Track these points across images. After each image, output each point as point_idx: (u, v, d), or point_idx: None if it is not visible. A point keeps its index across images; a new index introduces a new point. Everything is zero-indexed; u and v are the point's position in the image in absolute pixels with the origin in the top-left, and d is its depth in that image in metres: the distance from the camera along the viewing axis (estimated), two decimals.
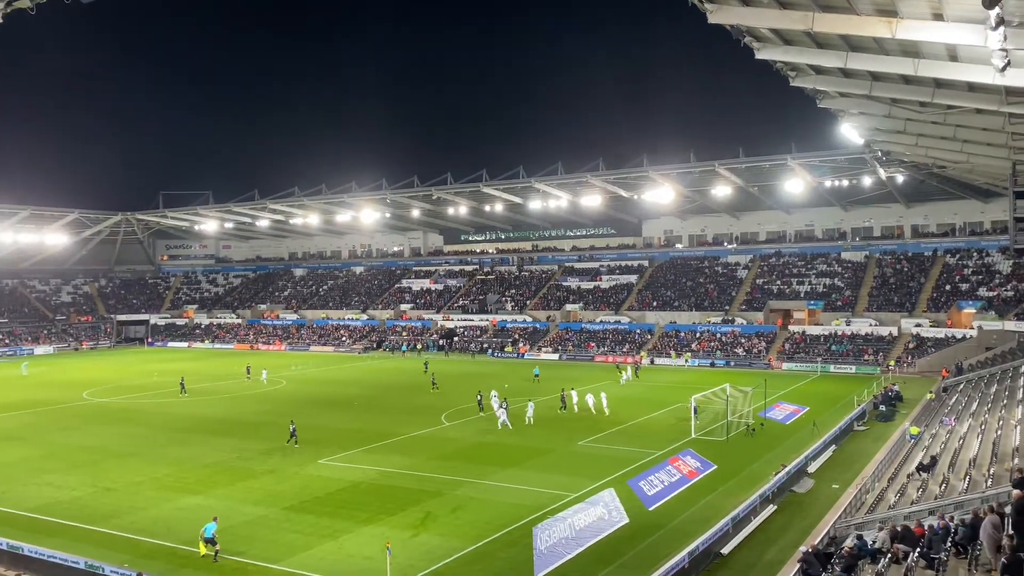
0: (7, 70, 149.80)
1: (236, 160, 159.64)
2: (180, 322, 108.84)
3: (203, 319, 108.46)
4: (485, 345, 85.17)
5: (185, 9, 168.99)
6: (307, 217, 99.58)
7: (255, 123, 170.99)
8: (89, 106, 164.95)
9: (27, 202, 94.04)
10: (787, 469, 30.37)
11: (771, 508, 27.60)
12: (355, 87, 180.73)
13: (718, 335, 75.85)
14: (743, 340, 74.00)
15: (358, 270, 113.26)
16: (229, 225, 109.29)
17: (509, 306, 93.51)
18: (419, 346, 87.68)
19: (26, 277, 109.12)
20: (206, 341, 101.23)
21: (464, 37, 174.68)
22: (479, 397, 48.02)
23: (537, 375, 60.17)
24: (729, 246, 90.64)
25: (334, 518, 27.20)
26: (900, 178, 69.06)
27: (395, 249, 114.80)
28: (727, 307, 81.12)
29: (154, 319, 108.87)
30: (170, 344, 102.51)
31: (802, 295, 79.37)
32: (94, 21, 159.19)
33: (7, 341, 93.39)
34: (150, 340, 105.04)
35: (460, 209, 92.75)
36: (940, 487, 24.73)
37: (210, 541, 23.77)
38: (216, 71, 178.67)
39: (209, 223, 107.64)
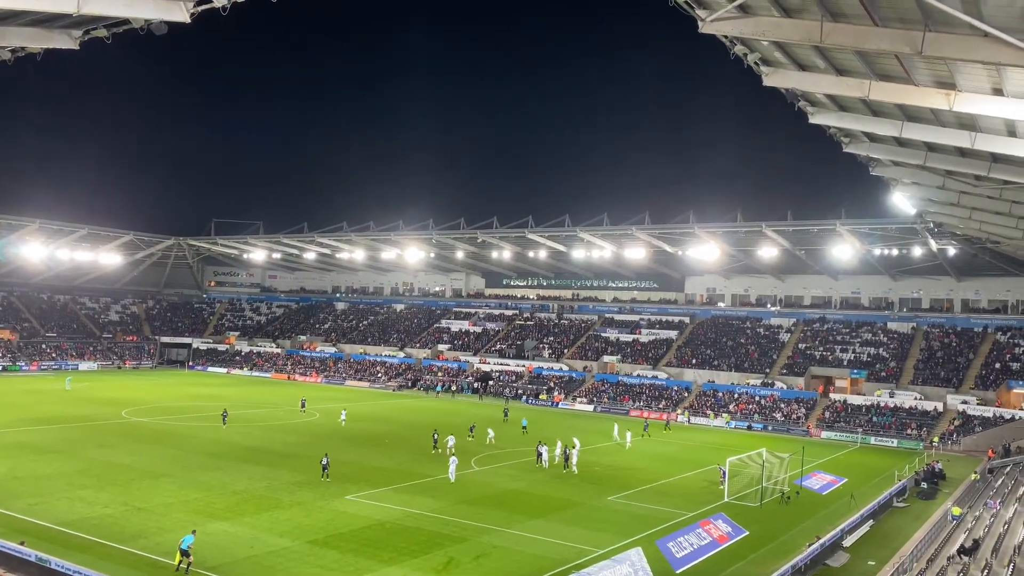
0: (74, 97, 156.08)
1: (287, 193, 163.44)
2: (221, 348, 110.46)
3: (244, 346, 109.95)
4: (520, 391, 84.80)
5: (246, 46, 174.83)
6: (353, 252, 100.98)
7: (308, 158, 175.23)
8: (148, 133, 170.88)
9: (85, 221, 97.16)
10: (821, 541, 29.49)
11: None
12: (408, 129, 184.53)
13: (757, 398, 74.54)
14: (782, 405, 72.58)
15: (399, 307, 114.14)
16: (276, 256, 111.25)
17: (546, 353, 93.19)
18: (453, 387, 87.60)
19: (78, 294, 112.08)
20: (245, 368, 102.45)
21: (516, 86, 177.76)
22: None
23: (525, 427, 58.07)
24: (772, 308, 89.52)
25: (357, 556, 27.07)
26: (952, 251, 67.77)
27: (437, 289, 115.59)
28: (767, 370, 79.83)
29: (196, 343, 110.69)
30: (210, 369, 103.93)
31: (845, 363, 77.78)
32: (157, 52, 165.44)
33: (54, 355, 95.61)
34: (191, 363, 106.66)
35: (504, 254, 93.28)
36: (982, 573, 23.77)
37: (184, 553, 24.35)
38: (273, 106, 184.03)
39: (257, 252, 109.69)
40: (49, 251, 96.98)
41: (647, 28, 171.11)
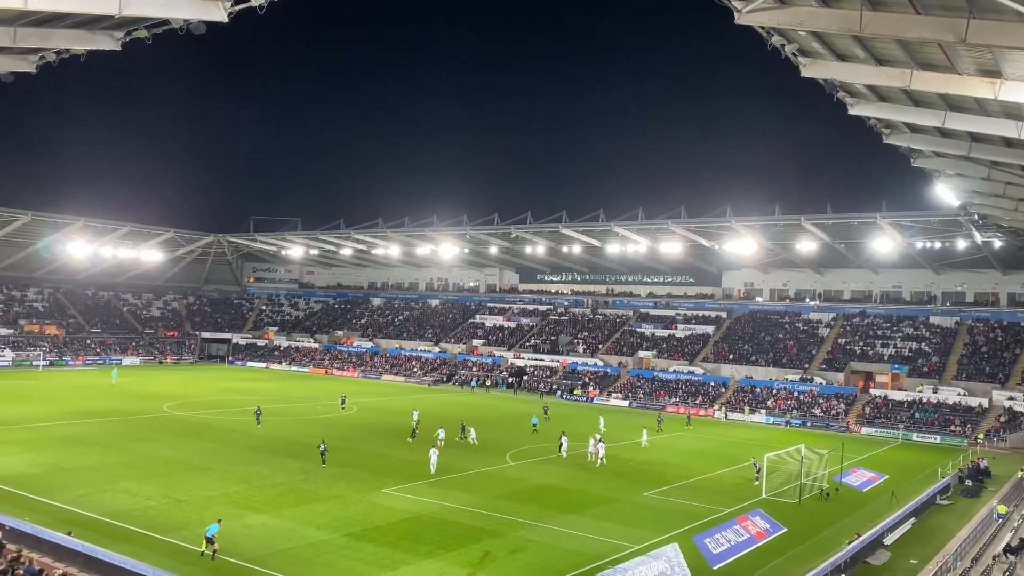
0: (116, 98, 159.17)
1: (325, 190, 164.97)
2: (260, 343, 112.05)
3: (282, 341, 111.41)
4: (554, 386, 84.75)
5: (283, 45, 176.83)
6: (389, 248, 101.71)
7: (344, 155, 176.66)
8: (188, 132, 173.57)
9: (127, 219, 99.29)
10: (862, 539, 29.04)
11: None
12: (442, 126, 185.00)
13: (795, 393, 73.58)
14: (821, 400, 71.58)
15: (434, 303, 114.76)
16: (314, 252, 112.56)
17: (581, 348, 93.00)
18: (488, 382, 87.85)
19: (121, 290, 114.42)
20: (283, 363, 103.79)
21: (550, 81, 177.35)
22: (560, 439, 47.75)
23: (535, 425, 56.98)
24: (811, 303, 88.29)
25: (394, 549, 27.30)
26: (997, 243, 66.24)
27: (471, 284, 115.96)
28: (806, 365, 78.76)
29: (236, 338, 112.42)
30: (249, 363, 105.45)
31: (886, 358, 76.45)
32: (197, 52, 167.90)
33: (98, 350, 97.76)
34: (231, 358, 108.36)
35: (538, 249, 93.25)
36: None
37: (210, 540, 25.21)
38: (307, 101, 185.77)
39: (295, 249, 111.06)
40: (93, 248, 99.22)
41: (682, 20, 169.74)
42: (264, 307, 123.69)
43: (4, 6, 20.73)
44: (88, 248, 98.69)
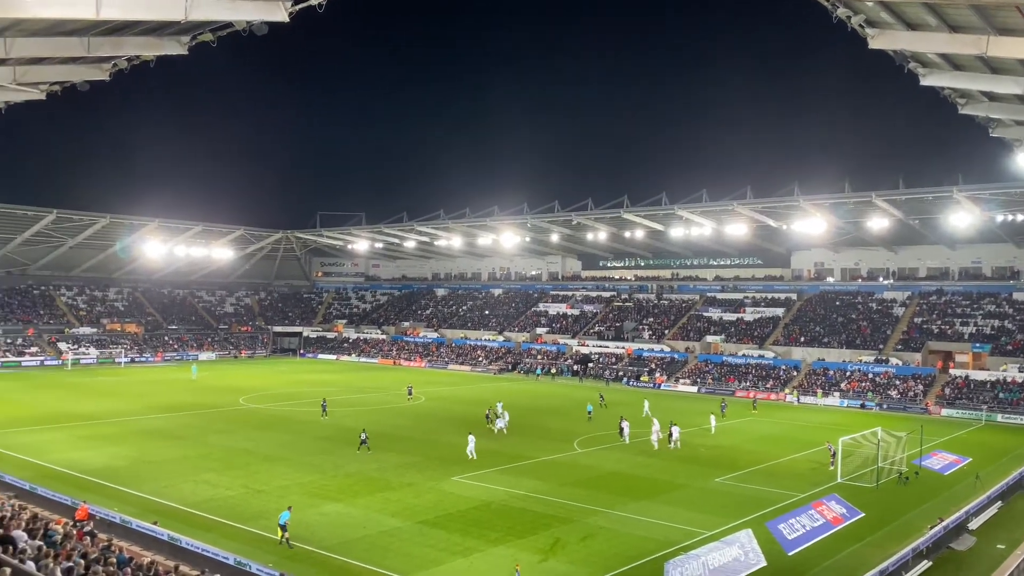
0: (186, 101, 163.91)
1: (387, 184, 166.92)
2: (330, 335, 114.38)
3: (351, 333, 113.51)
4: (620, 373, 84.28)
5: (342, 43, 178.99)
6: (451, 239, 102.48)
7: (406, 149, 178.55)
8: (255, 132, 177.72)
9: (199, 218, 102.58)
10: (945, 523, 28.14)
11: (925, 564, 25.63)
12: (501, 114, 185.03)
13: (870, 375, 71.56)
14: (898, 382, 69.43)
15: (496, 292, 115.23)
16: (378, 245, 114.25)
17: (646, 335, 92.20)
18: (553, 370, 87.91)
19: (195, 288, 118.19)
20: (353, 355, 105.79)
21: (609, 63, 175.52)
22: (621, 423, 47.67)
23: (590, 412, 56.16)
24: (885, 281, 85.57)
25: (465, 536, 27.61)
26: None
27: (533, 273, 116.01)
28: (881, 346, 76.49)
29: (307, 331, 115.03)
30: (320, 356, 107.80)
31: (966, 337, 73.65)
32: (260, 54, 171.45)
33: (176, 346, 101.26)
34: (302, 351, 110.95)
35: (599, 235, 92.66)
36: None
37: (283, 528, 25.96)
38: (370, 100, 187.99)
39: (360, 243, 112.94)
40: (167, 248, 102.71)
41: None
42: (332, 300, 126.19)
43: (78, 16, 21.52)
44: (163, 248, 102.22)
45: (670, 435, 45.36)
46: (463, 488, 34.41)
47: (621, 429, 47.30)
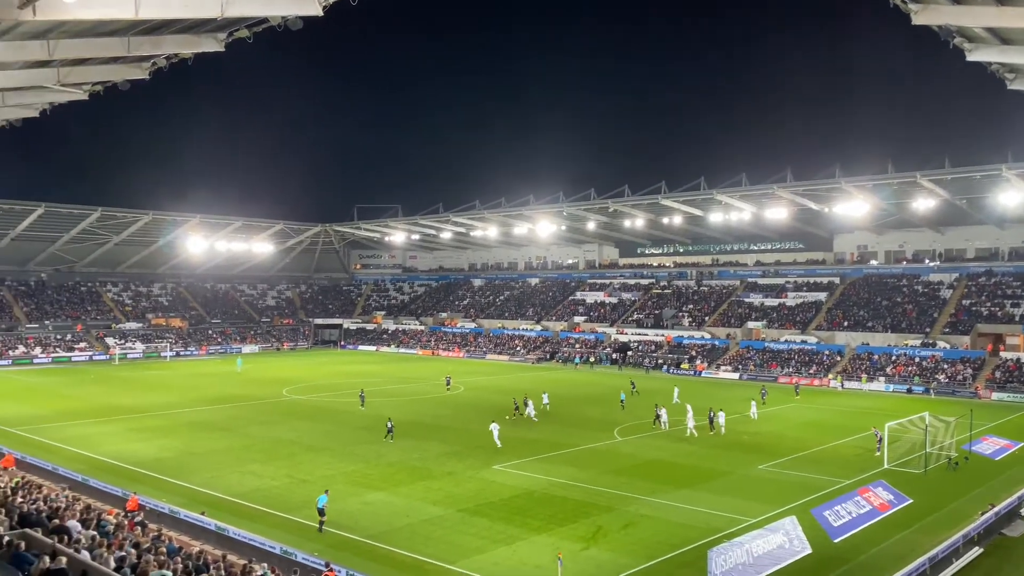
0: (224, 98, 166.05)
1: (423, 176, 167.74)
2: (369, 327, 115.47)
3: (390, 325, 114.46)
4: (660, 361, 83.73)
5: (381, 36, 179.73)
6: (487, 230, 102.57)
7: (440, 140, 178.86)
8: (292, 127, 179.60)
9: (239, 214, 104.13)
10: (996, 509, 27.52)
11: (976, 551, 25.09)
12: (534, 101, 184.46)
13: (916, 359, 70.15)
14: (945, 366, 67.95)
15: (533, 281, 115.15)
16: (415, 237, 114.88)
17: (686, 322, 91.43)
18: (592, 359, 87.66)
19: (237, 282, 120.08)
20: (392, 346, 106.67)
21: (644, 43, 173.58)
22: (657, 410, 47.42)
23: (623, 400, 55.36)
24: (931, 263, 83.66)
25: (507, 524, 27.70)
26: None
27: (570, 261, 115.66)
28: (928, 329, 74.89)
29: (347, 323, 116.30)
30: (360, 347, 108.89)
31: (1017, 318, 71.70)
32: (295, 50, 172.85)
33: (219, 340, 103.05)
34: (343, 343, 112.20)
35: (637, 222, 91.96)
36: None
37: (320, 511, 26.64)
38: (404, 93, 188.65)
39: (397, 235, 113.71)
40: (209, 243, 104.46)
41: None
42: (371, 292, 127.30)
43: (117, 17, 21.88)
44: (204, 243, 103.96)
45: (711, 421, 45.18)
46: (504, 476, 34.51)
47: (658, 416, 47.15)
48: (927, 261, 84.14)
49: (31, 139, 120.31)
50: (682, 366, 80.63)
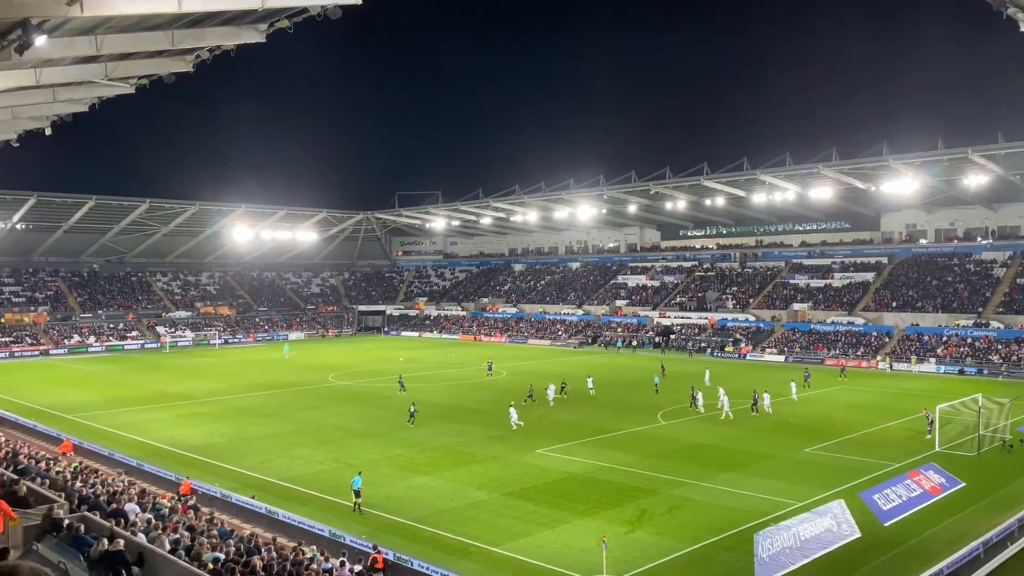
0: (267, 89, 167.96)
1: (462, 162, 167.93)
2: (412, 313, 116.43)
3: (432, 311, 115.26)
4: (704, 344, 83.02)
5: (419, 25, 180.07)
6: (527, 214, 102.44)
7: (479, 126, 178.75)
8: (333, 116, 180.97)
9: (283, 203, 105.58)
10: None
11: None
12: (573, 85, 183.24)
13: (969, 339, 68.48)
14: (999, 346, 66.24)
15: (574, 266, 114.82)
16: (455, 223, 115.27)
17: (730, 304, 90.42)
18: (634, 343, 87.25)
19: (282, 270, 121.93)
20: (434, 331, 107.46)
21: (683, 21, 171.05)
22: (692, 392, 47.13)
23: (657, 384, 54.22)
24: (984, 241, 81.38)
25: (551, 507, 27.82)
26: None
27: (611, 245, 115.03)
28: (980, 309, 73.00)
29: (390, 310, 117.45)
30: (403, 333, 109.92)
31: None
32: (338, 42, 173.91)
33: (266, 327, 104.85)
34: (386, 329, 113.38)
35: (678, 204, 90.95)
36: None
37: (356, 493, 27.22)
38: (443, 78, 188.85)
39: (438, 221, 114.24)
40: (254, 232, 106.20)
41: None
42: (413, 279, 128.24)
43: (162, 11, 22.26)
44: (250, 232, 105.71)
45: (754, 404, 44.89)
46: (548, 460, 34.63)
47: (694, 399, 46.98)
48: (979, 239, 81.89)
49: (81, 134, 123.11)
50: (726, 349, 79.83)
